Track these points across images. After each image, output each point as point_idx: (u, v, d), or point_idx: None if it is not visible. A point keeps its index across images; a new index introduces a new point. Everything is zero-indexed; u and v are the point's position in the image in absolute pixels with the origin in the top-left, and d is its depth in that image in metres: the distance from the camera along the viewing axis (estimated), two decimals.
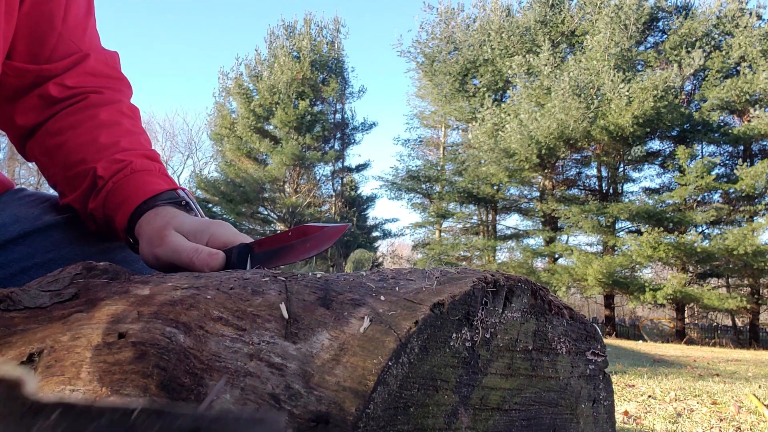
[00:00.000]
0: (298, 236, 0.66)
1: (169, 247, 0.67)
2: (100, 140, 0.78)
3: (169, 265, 0.68)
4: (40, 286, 0.51)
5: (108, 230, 0.78)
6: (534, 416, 0.46)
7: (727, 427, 2.55)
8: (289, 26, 22.64)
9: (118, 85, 0.88)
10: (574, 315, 0.50)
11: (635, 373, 5.09)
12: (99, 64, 0.86)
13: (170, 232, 0.69)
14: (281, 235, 0.67)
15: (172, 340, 0.42)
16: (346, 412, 0.34)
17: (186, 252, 0.65)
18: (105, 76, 0.87)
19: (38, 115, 0.82)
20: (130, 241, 0.75)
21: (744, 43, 16.84)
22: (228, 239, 0.68)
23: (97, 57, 0.86)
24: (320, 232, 0.66)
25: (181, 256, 0.65)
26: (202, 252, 0.65)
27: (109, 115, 0.82)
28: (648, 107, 15.47)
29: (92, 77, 0.85)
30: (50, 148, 0.81)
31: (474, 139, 18.61)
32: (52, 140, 0.80)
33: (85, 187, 0.77)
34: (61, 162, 0.79)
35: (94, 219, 0.78)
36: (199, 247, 0.66)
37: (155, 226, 0.70)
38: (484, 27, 19.81)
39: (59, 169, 0.80)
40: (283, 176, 21.74)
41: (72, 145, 0.79)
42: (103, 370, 0.41)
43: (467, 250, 20.91)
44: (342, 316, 0.40)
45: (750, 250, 14.75)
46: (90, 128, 0.80)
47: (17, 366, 0.43)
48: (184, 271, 0.65)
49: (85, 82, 0.84)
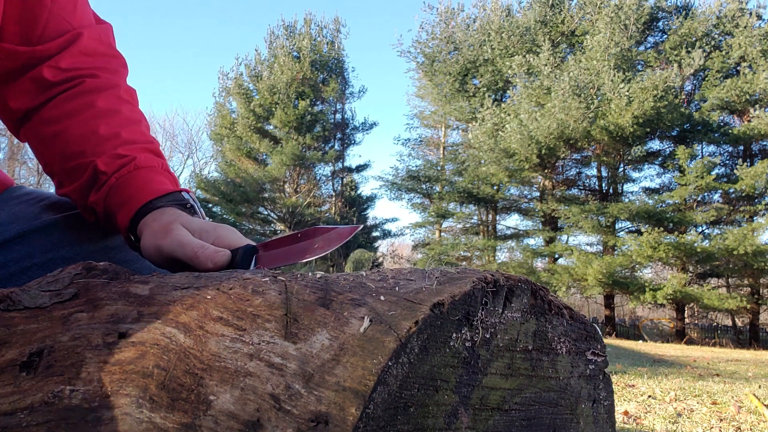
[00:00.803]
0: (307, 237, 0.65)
1: (175, 239, 0.66)
2: (99, 132, 0.77)
3: (170, 259, 0.67)
4: (40, 286, 0.51)
5: (107, 224, 0.77)
6: (534, 416, 0.46)
7: (727, 427, 2.55)
8: (289, 26, 22.65)
9: (114, 65, 0.86)
10: (574, 315, 0.50)
11: (635, 373, 5.09)
12: (93, 42, 0.83)
13: (177, 226, 0.68)
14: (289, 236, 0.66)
15: (172, 340, 0.42)
16: (346, 412, 0.34)
17: (191, 246, 0.65)
18: (100, 55, 0.84)
19: (32, 99, 0.80)
20: (131, 239, 0.75)
21: (744, 43, 16.83)
22: (234, 242, 0.68)
23: (90, 34, 0.84)
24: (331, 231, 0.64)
25: (186, 249, 0.64)
26: (208, 248, 0.64)
27: (106, 102, 0.80)
28: (648, 107, 15.46)
29: (87, 57, 0.82)
30: (46, 136, 0.79)
31: (474, 139, 18.61)
32: (48, 129, 0.78)
33: (85, 180, 0.75)
34: (59, 152, 0.77)
35: (94, 212, 0.77)
36: (205, 244, 0.65)
37: (162, 222, 0.70)
38: (484, 27, 19.81)
39: (57, 159, 0.78)
40: (283, 176, 21.74)
41: (70, 136, 0.77)
42: (103, 370, 0.41)
43: (467, 250, 20.91)
44: (342, 316, 0.40)
45: (750, 250, 14.75)
46: (88, 118, 0.78)
47: None
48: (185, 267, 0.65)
49: (79, 63, 0.82)
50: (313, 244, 0.64)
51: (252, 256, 0.66)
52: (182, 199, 0.75)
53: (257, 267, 0.65)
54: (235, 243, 0.67)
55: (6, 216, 0.80)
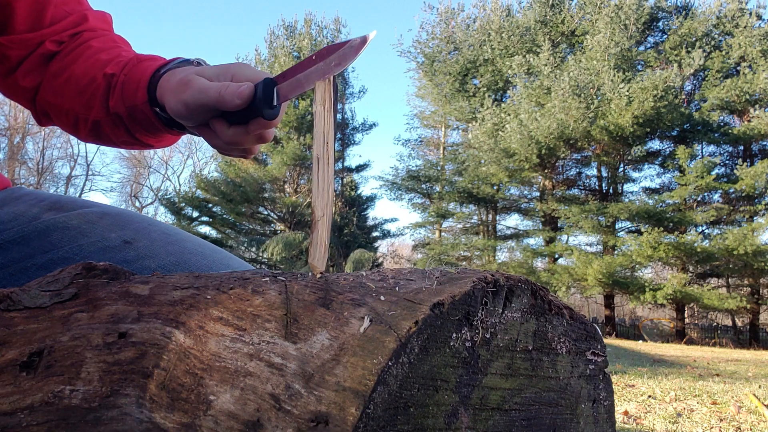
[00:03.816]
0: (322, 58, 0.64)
1: (196, 88, 0.68)
2: (102, 58, 0.81)
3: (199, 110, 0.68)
4: (40, 286, 0.51)
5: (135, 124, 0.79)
6: (534, 416, 0.46)
7: (727, 427, 2.55)
8: (290, 26, 22.63)
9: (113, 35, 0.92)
10: (574, 315, 0.50)
11: (635, 373, 5.09)
12: (98, 23, 0.89)
13: (193, 77, 0.70)
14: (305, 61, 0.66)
15: (172, 340, 0.42)
16: (346, 412, 0.34)
17: (213, 88, 0.66)
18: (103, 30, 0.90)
19: (41, 72, 0.84)
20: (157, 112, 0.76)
21: (744, 43, 16.83)
22: (251, 76, 0.69)
23: (95, 15, 0.90)
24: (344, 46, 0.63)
25: (209, 93, 0.66)
26: (230, 86, 0.65)
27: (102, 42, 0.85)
28: (648, 107, 15.46)
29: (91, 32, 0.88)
30: (59, 86, 0.82)
31: (474, 139, 18.61)
32: (58, 80, 0.82)
33: (102, 93, 0.79)
34: (73, 91, 0.81)
35: (120, 118, 0.79)
36: (225, 83, 0.66)
37: (177, 79, 0.71)
38: (484, 27, 19.80)
39: (74, 98, 0.81)
40: (284, 176, 21.73)
41: (78, 73, 0.81)
42: (103, 370, 0.41)
43: (467, 250, 20.90)
44: (342, 316, 0.40)
45: (750, 250, 14.75)
46: (90, 54, 0.82)
47: None
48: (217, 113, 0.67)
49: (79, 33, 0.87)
50: (330, 62, 0.64)
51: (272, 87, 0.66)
52: (188, 59, 0.78)
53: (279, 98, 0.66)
54: (253, 77, 0.69)
55: (6, 216, 0.80)
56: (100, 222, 0.80)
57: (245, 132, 0.70)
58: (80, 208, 0.82)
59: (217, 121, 0.71)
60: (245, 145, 0.72)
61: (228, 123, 0.70)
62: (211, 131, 0.72)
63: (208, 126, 0.72)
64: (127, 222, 0.80)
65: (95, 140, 0.86)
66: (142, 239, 0.78)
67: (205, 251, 0.80)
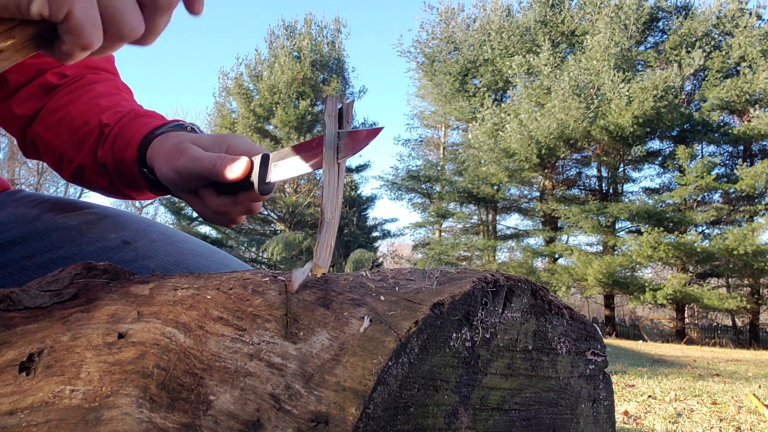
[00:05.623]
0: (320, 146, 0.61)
1: (189, 156, 0.66)
2: (101, 104, 0.80)
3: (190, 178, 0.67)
4: (40, 286, 0.51)
5: (120, 177, 0.78)
6: (534, 416, 0.46)
7: (727, 427, 2.55)
8: (290, 26, 22.63)
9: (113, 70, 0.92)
10: (574, 315, 0.50)
11: (635, 373, 5.09)
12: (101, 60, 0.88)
13: (188, 145, 0.68)
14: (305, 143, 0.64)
15: (172, 340, 0.42)
16: (346, 412, 0.34)
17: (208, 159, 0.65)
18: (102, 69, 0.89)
19: (37, 102, 0.83)
20: (144, 172, 0.75)
21: (744, 43, 16.84)
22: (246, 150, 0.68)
23: None
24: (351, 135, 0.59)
25: (203, 163, 0.65)
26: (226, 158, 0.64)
27: (105, 87, 0.84)
28: (648, 107, 15.47)
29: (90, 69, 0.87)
30: (53, 123, 0.82)
31: (474, 139, 18.61)
32: (53, 116, 0.82)
33: (93, 140, 0.78)
34: (66, 131, 0.80)
35: (105, 168, 0.78)
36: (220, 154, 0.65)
37: (170, 144, 0.70)
38: (484, 27, 19.81)
39: (65, 138, 0.81)
40: None
41: (74, 114, 0.80)
42: (103, 370, 0.41)
43: (467, 250, 20.91)
44: (342, 316, 0.40)
45: (750, 250, 14.76)
46: (90, 98, 0.81)
47: None
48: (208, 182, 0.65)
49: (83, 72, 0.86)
50: None
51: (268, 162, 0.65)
52: (183, 124, 0.77)
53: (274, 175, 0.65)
54: (249, 151, 0.68)
55: (6, 217, 0.80)
56: (99, 222, 0.80)
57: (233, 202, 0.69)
58: (80, 209, 0.82)
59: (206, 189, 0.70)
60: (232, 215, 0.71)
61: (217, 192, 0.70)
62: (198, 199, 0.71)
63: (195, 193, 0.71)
64: (127, 222, 0.81)
65: (77, 182, 0.85)
66: (142, 240, 0.78)
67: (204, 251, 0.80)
